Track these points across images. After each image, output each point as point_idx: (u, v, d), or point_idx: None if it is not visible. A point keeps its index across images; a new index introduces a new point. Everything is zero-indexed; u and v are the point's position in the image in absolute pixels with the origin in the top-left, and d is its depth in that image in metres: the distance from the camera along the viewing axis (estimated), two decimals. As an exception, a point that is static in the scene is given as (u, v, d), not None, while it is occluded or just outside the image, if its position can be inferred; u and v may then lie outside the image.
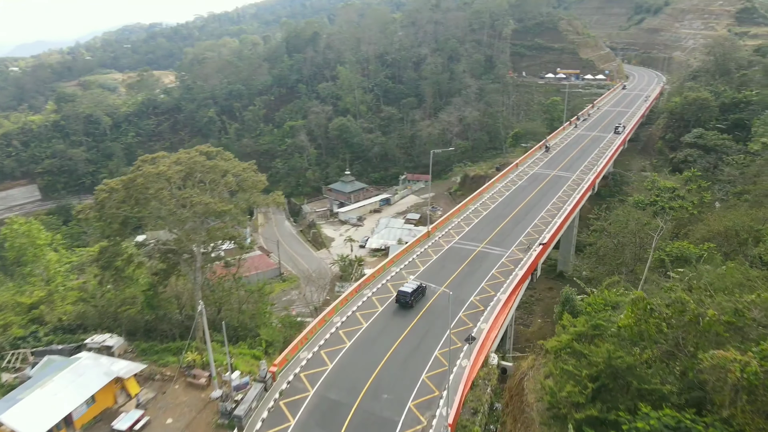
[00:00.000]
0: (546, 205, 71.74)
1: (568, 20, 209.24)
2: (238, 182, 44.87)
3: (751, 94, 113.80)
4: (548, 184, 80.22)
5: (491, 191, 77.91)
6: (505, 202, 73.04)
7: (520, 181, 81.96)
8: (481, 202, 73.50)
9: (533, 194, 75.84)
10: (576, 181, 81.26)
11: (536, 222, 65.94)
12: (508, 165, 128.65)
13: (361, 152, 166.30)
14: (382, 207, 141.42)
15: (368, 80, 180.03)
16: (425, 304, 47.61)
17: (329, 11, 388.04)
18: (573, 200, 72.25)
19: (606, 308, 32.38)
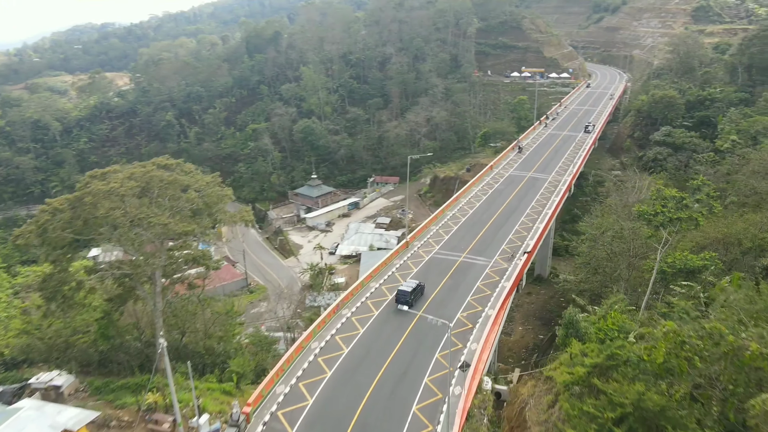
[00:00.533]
0: (525, 209, 69.34)
1: (531, 19, 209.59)
2: (201, 198, 40.38)
3: (715, 91, 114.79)
4: (525, 187, 77.97)
5: (468, 195, 75.11)
6: (484, 207, 70.30)
7: (496, 184, 79.48)
8: (458, 207, 70.55)
9: (511, 198, 73.39)
10: (553, 183, 79.29)
11: (517, 228, 63.37)
12: (479, 165, 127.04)
13: (327, 155, 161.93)
14: (351, 211, 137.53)
15: (333, 81, 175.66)
16: (411, 322, 44.23)
17: (289, 10, 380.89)
18: (552, 203, 70.10)
19: (620, 335, 29.58)
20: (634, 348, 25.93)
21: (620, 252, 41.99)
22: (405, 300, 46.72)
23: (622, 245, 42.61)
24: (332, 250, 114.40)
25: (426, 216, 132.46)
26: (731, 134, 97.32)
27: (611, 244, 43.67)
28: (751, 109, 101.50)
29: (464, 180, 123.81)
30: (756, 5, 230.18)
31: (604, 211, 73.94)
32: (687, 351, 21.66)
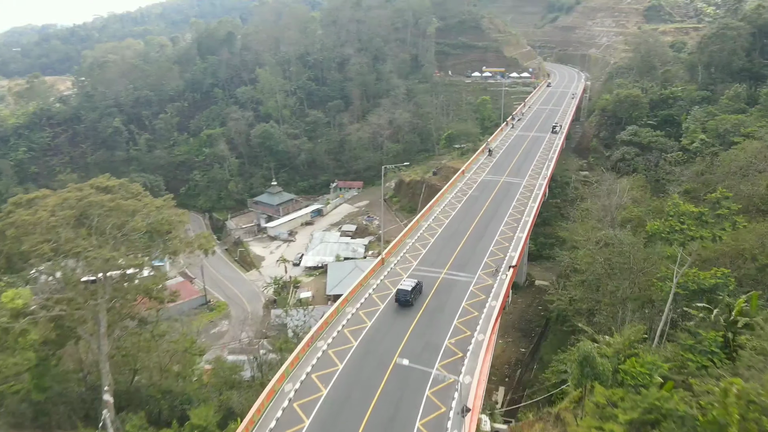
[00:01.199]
0: (503, 216, 65.90)
1: (490, 18, 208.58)
2: (150, 225, 34.77)
3: (677, 90, 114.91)
4: (500, 193, 74.64)
5: (442, 203, 71.15)
6: (460, 216, 66.46)
7: (470, 191, 75.87)
8: (433, 217, 66.48)
9: (487, 205, 69.87)
10: (527, 188, 76.27)
11: (497, 238, 59.75)
12: (446, 168, 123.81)
13: (287, 160, 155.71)
14: (315, 219, 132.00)
15: (290, 83, 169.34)
16: (396, 352, 39.72)
17: (241, 11, 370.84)
18: (530, 210, 66.93)
19: (650, 379, 25.89)
20: (681, 405, 22.19)
21: (621, 269, 38.76)
22: (405, 299, 46.12)
23: (621, 260, 39.39)
24: (296, 261, 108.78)
25: (392, 222, 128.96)
26: (697, 133, 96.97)
27: (610, 260, 40.33)
28: (714, 107, 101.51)
29: (431, 184, 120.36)
30: (704, 4, 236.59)
31: (583, 216, 71.30)
32: (755, 412, 18.22)
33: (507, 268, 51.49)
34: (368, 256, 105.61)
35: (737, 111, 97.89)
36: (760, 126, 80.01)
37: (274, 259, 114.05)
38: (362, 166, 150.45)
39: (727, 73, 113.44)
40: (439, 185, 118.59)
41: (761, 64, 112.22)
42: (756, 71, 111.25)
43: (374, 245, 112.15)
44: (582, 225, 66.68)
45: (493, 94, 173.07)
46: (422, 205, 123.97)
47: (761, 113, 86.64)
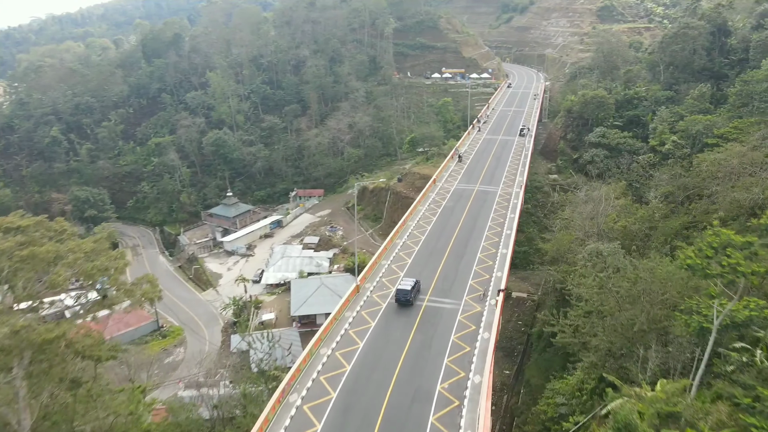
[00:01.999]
0: (483, 230, 61.29)
1: (447, 18, 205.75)
2: (77, 275, 28.05)
3: (641, 90, 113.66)
4: (476, 203, 70.11)
5: (416, 217, 65.96)
6: (437, 232, 61.44)
7: (444, 201, 71.01)
8: (407, 233, 61.20)
9: (464, 217, 65.14)
10: (504, 197, 72.05)
11: (480, 255, 54.99)
12: (411, 175, 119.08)
13: (242, 168, 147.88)
14: (274, 231, 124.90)
15: (243, 87, 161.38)
16: (384, 398, 34.24)
17: (189, 12, 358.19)
18: (512, 223, 62.64)
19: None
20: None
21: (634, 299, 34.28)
22: (405, 299, 45.63)
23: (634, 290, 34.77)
24: (256, 278, 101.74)
25: (357, 232, 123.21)
26: (666, 135, 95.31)
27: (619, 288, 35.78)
28: (680, 107, 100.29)
29: (397, 191, 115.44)
30: (654, 4, 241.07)
31: (564, 226, 67.54)
32: None
33: (496, 293, 46.73)
34: (333, 271, 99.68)
35: (703, 111, 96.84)
36: (732, 127, 78.49)
37: (232, 276, 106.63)
38: (322, 173, 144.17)
39: (689, 72, 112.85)
40: (405, 192, 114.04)
41: (722, 63, 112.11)
42: (717, 70, 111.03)
43: (339, 258, 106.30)
44: (565, 236, 62.82)
45: (455, 96, 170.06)
46: (388, 213, 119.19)
47: (730, 114, 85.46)
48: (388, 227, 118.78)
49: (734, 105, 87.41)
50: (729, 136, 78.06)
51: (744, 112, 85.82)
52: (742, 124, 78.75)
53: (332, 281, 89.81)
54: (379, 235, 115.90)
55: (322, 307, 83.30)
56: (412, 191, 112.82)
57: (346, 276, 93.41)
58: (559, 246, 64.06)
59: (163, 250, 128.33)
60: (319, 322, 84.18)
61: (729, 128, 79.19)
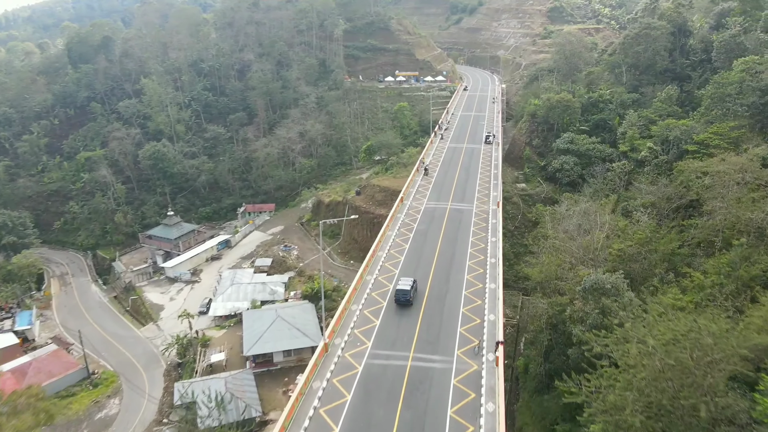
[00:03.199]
0: (464, 258, 53.63)
1: (399, 20, 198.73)
2: None
3: (605, 93, 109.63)
4: (451, 225, 62.45)
5: (386, 245, 57.55)
6: (412, 263, 53.30)
7: (415, 224, 62.97)
8: (378, 267, 52.71)
9: (441, 244, 57.29)
10: (480, 216, 64.74)
11: (466, 293, 47.24)
12: (369, 187, 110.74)
13: (184, 183, 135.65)
14: (222, 252, 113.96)
15: (183, 94, 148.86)
16: None
17: (122, 13, 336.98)
18: (495, 248, 55.24)
19: None
20: None
21: (683, 369, 26.94)
22: (405, 299, 44.84)
23: (680, 354, 27.22)
24: (203, 309, 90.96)
25: (313, 250, 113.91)
26: (636, 139, 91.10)
27: (653, 350, 28.06)
28: (648, 110, 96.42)
29: (356, 206, 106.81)
30: (601, 6, 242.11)
31: (548, 248, 60.83)
32: None
33: (494, 345, 38.97)
34: (290, 298, 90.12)
35: (672, 114, 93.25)
36: (712, 132, 74.23)
37: (175, 307, 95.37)
38: (273, 186, 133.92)
39: (652, 74, 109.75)
40: (365, 207, 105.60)
41: (683, 64, 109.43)
42: (679, 72, 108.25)
43: (296, 282, 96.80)
44: (552, 259, 56.00)
45: (410, 100, 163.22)
46: (347, 229, 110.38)
47: (706, 118, 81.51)
48: (347, 244, 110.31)
49: (708, 108, 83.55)
50: (710, 142, 73.84)
51: (717, 115, 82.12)
52: (721, 129, 74.65)
53: (289, 312, 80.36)
54: (338, 254, 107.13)
55: (279, 343, 74.01)
56: (372, 205, 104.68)
57: (304, 305, 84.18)
58: (546, 272, 57.22)
59: (95, 278, 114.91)
60: (277, 360, 74.96)
61: (708, 134, 74.95)
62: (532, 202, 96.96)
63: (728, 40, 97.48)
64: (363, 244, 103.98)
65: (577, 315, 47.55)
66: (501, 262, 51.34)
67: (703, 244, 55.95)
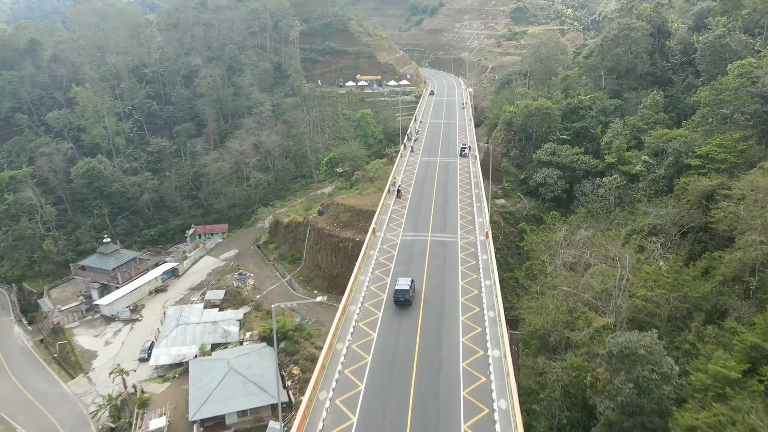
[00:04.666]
0: (455, 312, 43.58)
1: (358, 20, 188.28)
2: None
3: (585, 99, 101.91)
4: (434, 264, 52.28)
5: (358, 297, 46.73)
6: (393, 321, 42.78)
7: (392, 264, 52.47)
8: (352, 328, 41.93)
9: (425, 292, 46.93)
10: (468, 251, 54.83)
11: (464, 366, 37.01)
12: (333, 206, 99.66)
13: (125, 203, 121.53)
14: (168, 282, 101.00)
15: (123, 103, 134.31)
16: None
17: (64, 15, 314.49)
18: (491, 294, 45.34)
19: None
20: None
21: None
22: (405, 298, 43.87)
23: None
24: (144, 355, 78.34)
25: (271, 279, 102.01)
26: (624, 150, 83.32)
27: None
28: (634, 118, 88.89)
29: (318, 228, 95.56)
30: (563, 6, 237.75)
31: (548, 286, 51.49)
32: None
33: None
34: (246, 341, 78.36)
35: (659, 122, 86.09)
36: (716, 145, 66.64)
37: (110, 353, 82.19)
38: (225, 204, 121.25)
39: (633, 78, 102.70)
40: (329, 229, 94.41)
41: (664, 67, 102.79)
42: (660, 75, 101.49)
43: (252, 319, 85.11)
44: (558, 305, 46.59)
45: (373, 106, 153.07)
46: (309, 254, 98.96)
47: (703, 128, 74.14)
48: (310, 271, 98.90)
49: (704, 117, 76.18)
50: (715, 156, 66.16)
51: (714, 124, 74.93)
52: (725, 141, 67.09)
53: (244, 362, 68.85)
54: (300, 282, 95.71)
55: (233, 402, 62.68)
56: (336, 227, 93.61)
57: (262, 350, 72.80)
58: (550, 320, 47.77)
59: (20, 317, 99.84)
60: (230, 421, 63.34)
61: (712, 146, 67.27)
62: (514, 220, 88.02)
63: (713, 41, 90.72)
64: (327, 271, 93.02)
65: (602, 385, 38.10)
66: (503, 317, 41.35)
67: (731, 281, 47.60)
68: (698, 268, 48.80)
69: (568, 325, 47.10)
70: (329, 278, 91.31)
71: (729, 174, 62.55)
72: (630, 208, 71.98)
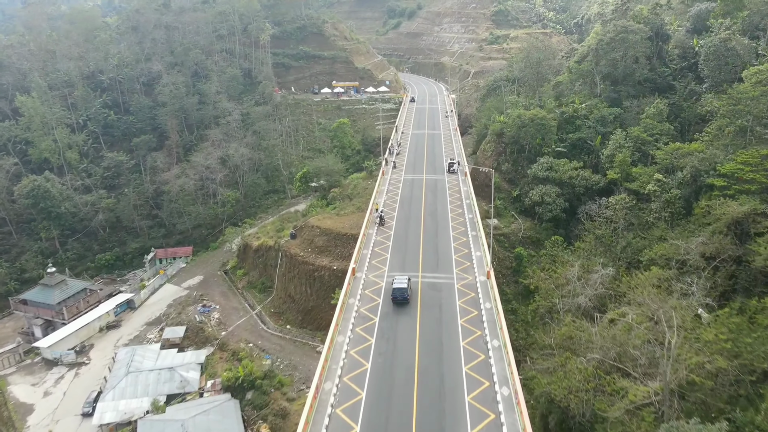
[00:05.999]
0: (459, 392, 33.98)
1: (333, 23, 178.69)
2: None
3: (581, 107, 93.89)
4: (429, 316, 42.72)
5: (338, 364, 36.90)
6: (380, 404, 33.09)
7: (376, 318, 42.75)
8: (329, 408, 32.14)
9: (418, 359, 37.37)
10: (467, 296, 45.48)
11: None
12: (307, 228, 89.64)
13: (77, 224, 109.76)
14: (123, 316, 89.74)
15: (75, 113, 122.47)
16: None
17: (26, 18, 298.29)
18: (502, 358, 36.12)
19: None
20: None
21: None
22: (403, 297, 43.30)
23: None
24: (88, 408, 67.32)
25: (238, 311, 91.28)
26: (629, 166, 75.23)
27: None
28: (637, 129, 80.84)
29: (291, 254, 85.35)
30: (545, 9, 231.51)
31: (563, 339, 42.47)
32: None
33: None
34: (206, 391, 67.80)
35: (665, 134, 78.42)
36: (741, 162, 58.57)
37: (50, 406, 70.82)
38: (190, 225, 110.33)
39: (631, 84, 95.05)
40: (303, 255, 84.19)
41: (664, 72, 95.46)
42: (660, 81, 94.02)
43: (215, 361, 74.60)
44: (581, 369, 37.52)
45: (350, 114, 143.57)
46: (281, 282, 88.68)
47: (721, 141, 66.29)
48: (282, 302, 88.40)
49: (720, 129, 68.29)
50: (742, 175, 58.09)
51: (732, 137, 67.18)
52: (752, 157, 59.05)
53: (203, 421, 58.60)
54: (271, 314, 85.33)
55: (187, 476, 52.29)
56: (311, 253, 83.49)
57: (224, 404, 62.58)
58: (572, 386, 38.66)
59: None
60: (185, 499, 53.08)
61: (737, 164, 59.19)
62: (509, 243, 79.00)
63: (717, 45, 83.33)
64: (301, 303, 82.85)
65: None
66: (521, 396, 31.97)
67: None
68: (745, 318, 40.18)
69: (594, 393, 38.08)
70: (303, 311, 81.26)
71: (760, 197, 54.55)
72: (643, 234, 63.60)
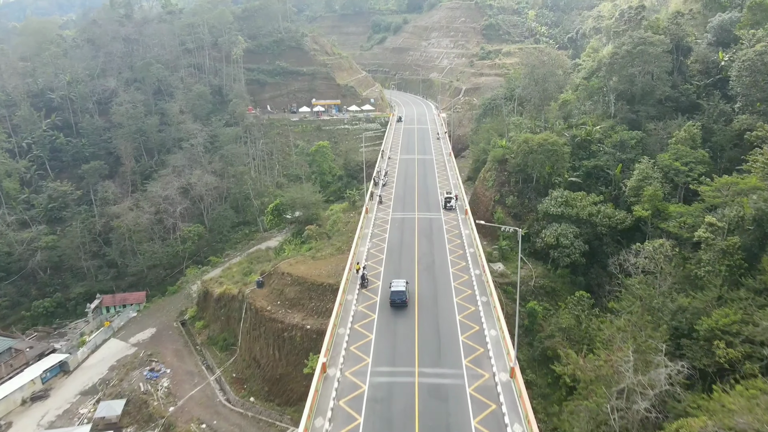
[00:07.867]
0: None
1: (314, 37, 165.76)
2: None
3: (595, 129, 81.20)
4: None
5: None
6: None
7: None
8: None
9: None
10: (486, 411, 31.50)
11: None
12: (277, 275, 75.31)
13: (11, 265, 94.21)
14: (53, 382, 74.25)
15: (17, 136, 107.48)
16: None
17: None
18: None
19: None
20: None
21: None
22: (402, 300, 42.64)
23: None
24: None
25: (194, 377, 76.26)
26: (662, 203, 62.32)
27: None
28: (667, 155, 68.15)
29: (257, 307, 70.79)
30: (537, 24, 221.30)
31: None
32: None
33: None
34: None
35: (701, 162, 65.75)
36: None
37: None
38: (144, 265, 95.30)
39: (650, 103, 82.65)
40: (270, 309, 69.41)
41: (687, 90, 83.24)
42: (683, 100, 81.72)
43: (159, 451, 59.44)
44: None
45: (331, 136, 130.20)
46: (245, 339, 74.05)
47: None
48: (246, 366, 73.14)
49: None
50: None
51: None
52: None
53: None
54: (232, 382, 70.45)
55: None
56: (280, 306, 69.05)
57: None
58: None
59: None
60: None
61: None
62: (519, 294, 65.36)
63: (754, 59, 71.12)
64: (268, 370, 68.09)
65: None
66: None
67: None
68: None
69: None
70: (270, 380, 66.54)
71: None
72: (693, 293, 50.19)
